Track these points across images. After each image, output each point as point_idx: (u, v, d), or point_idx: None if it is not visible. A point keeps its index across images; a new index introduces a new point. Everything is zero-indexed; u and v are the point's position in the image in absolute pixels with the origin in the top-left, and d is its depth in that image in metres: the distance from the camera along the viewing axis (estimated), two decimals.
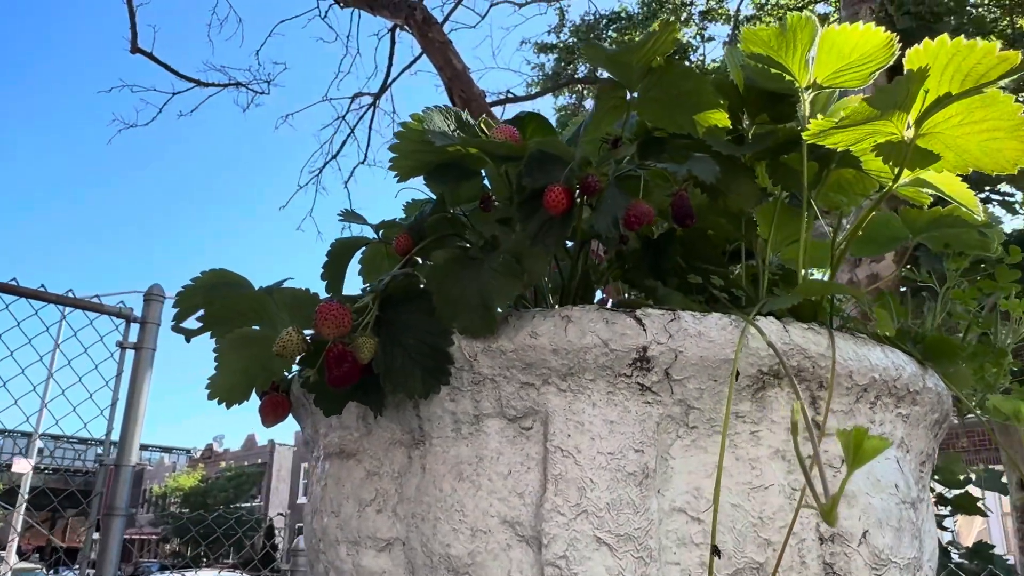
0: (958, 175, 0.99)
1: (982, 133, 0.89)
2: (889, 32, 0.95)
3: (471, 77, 7.90)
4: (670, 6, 11.20)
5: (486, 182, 1.19)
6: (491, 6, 11.00)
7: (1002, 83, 0.83)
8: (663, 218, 1.11)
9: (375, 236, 1.23)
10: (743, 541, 0.87)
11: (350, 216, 1.16)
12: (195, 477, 36.90)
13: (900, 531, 0.95)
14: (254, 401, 1.13)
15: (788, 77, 1.05)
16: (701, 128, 1.06)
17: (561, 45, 11.68)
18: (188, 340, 1.07)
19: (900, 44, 0.97)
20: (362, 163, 10.81)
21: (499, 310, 0.93)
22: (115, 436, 2.75)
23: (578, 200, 0.92)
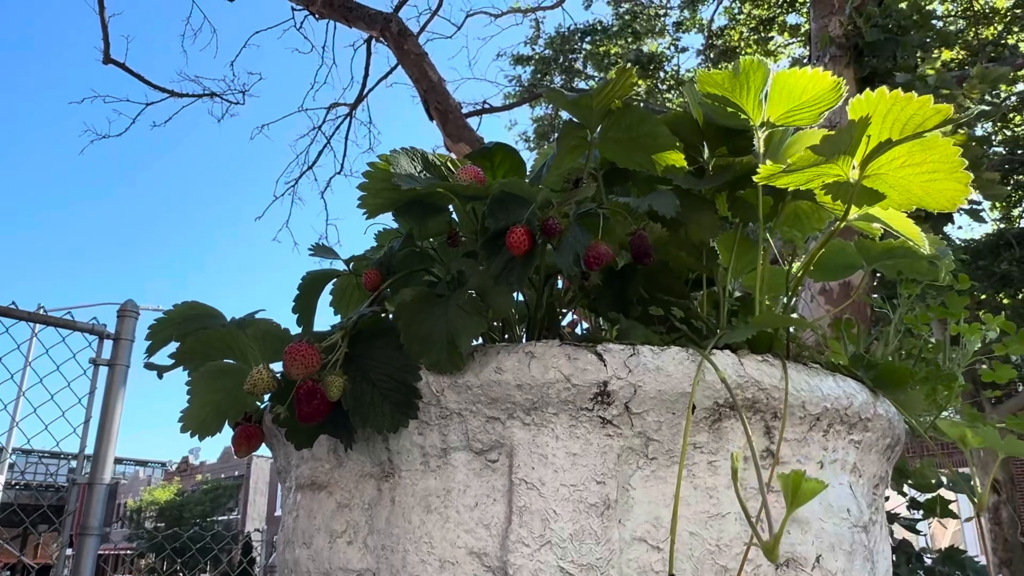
0: (904, 211, 1.04)
1: (924, 174, 0.93)
2: (837, 77, 0.99)
3: (447, 89, 7.92)
4: (643, 18, 11.30)
5: (454, 215, 1.22)
6: (467, 17, 11.03)
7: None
8: (626, 250, 1.15)
9: (346, 268, 1.25)
10: (701, 568, 0.90)
11: (320, 251, 1.19)
12: (171, 490, 36.33)
13: (852, 555, 0.99)
14: None
15: (743, 116, 1.10)
16: (659, 167, 1.09)
17: (537, 57, 11.74)
18: (160, 376, 1.08)
19: (872, 55, 1.01)
20: (338, 173, 10.71)
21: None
22: (88, 452, 2.73)
23: (539, 240, 0.95)
